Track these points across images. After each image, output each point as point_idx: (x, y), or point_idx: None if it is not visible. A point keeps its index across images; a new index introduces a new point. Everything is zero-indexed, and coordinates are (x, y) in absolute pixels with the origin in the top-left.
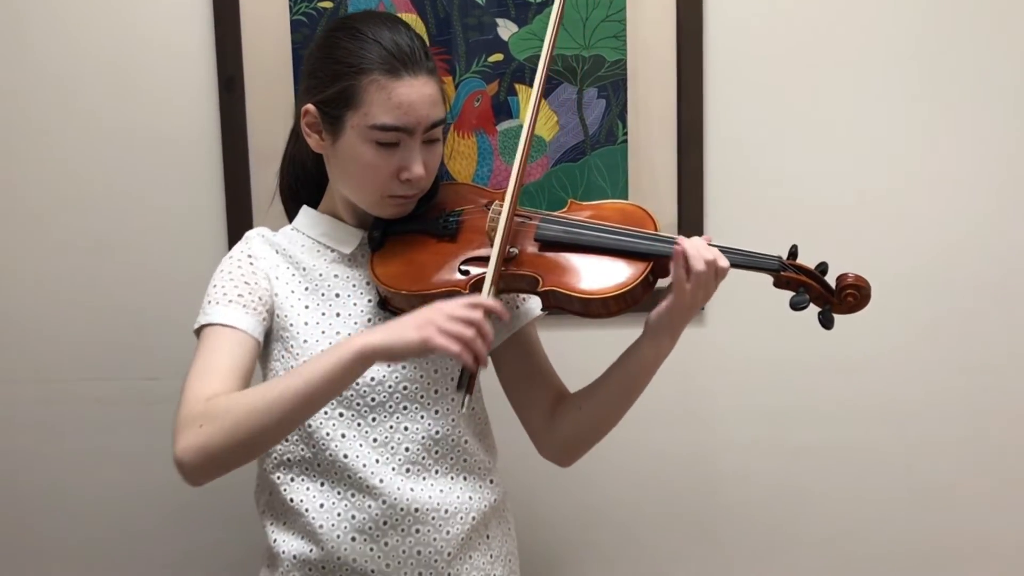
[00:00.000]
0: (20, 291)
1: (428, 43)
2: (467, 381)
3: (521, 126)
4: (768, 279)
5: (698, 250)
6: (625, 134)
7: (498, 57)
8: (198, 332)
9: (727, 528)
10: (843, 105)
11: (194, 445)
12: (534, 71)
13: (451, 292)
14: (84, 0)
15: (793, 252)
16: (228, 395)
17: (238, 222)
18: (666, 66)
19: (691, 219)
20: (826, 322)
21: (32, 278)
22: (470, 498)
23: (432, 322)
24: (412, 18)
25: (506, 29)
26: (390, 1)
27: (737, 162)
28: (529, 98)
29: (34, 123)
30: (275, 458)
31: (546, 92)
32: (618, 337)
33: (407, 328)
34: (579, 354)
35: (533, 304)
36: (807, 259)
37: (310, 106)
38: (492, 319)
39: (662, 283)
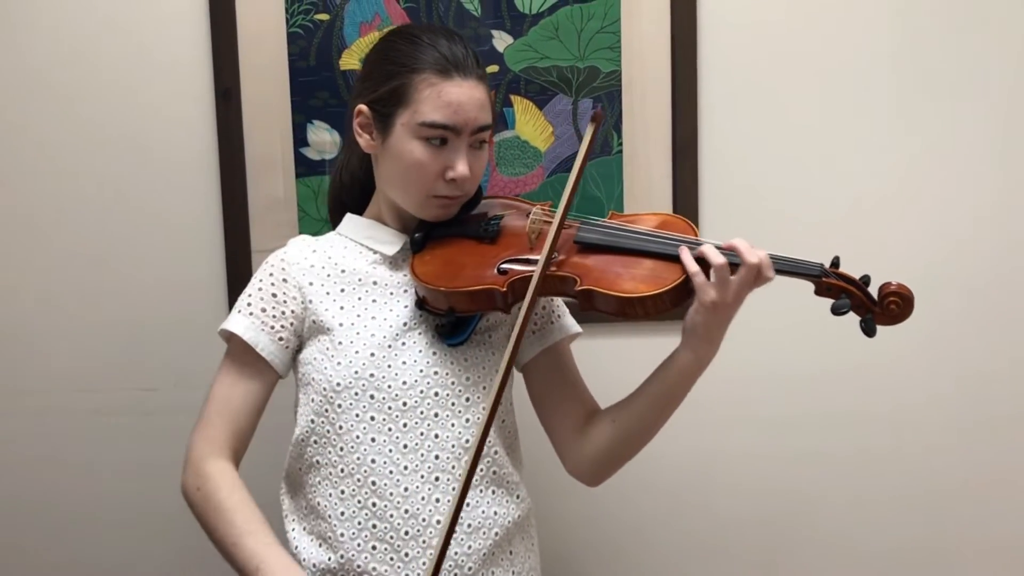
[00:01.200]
0: (17, 301)
1: None
2: None
3: (518, 136)
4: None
5: (730, 243)
6: (620, 145)
7: (493, 68)
8: (223, 335)
9: (736, 538)
10: (838, 115)
11: (188, 495)
12: (529, 82)
13: (489, 290)
14: (82, 11)
15: (835, 262)
16: (228, 489)
17: (235, 232)
18: (661, 77)
19: None
20: (868, 330)
21: (29, 288)
22: (495, 513)
23: None
24: (450, 28)
25: (501, 41)
26: (386, 13)
27: (732, 173)
28: (525, 109)
29: (32, 133)
30: (305, 460)
31: (541, 103)
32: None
33: None
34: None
35: (569, 322)
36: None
37: (362, 106)
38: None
39: None
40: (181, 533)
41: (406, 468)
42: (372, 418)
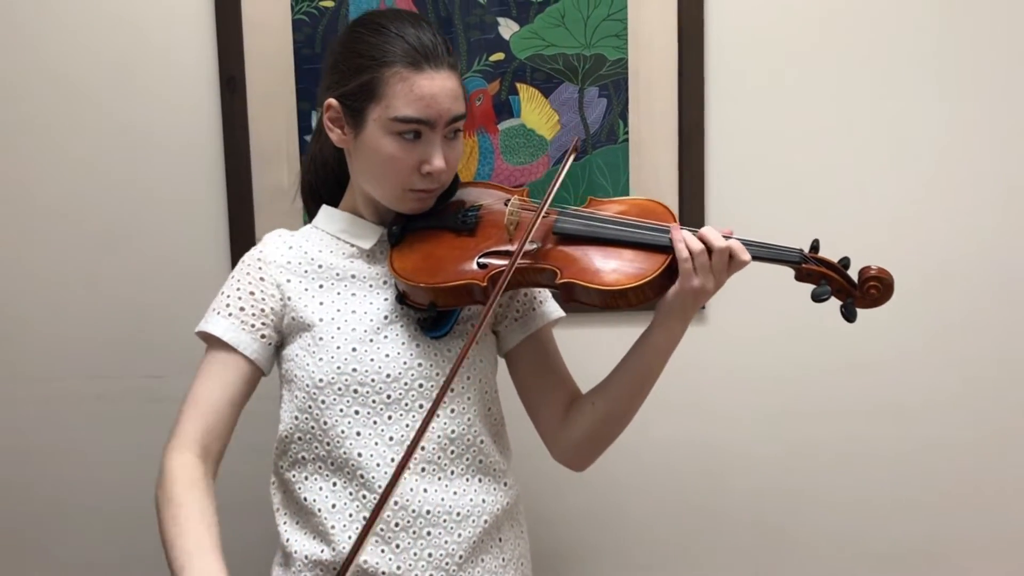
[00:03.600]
0: (23, 289)
1: None
2: None
3: (523, 124)
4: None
5: (700, 232)
6: (626, 133)
7: (499, 56)
8: (202, 337)
9: (736, 528)
10: (845, 103)
11: (155, 494)
12: (535, 70)
13: (469, 284)
14: (86, 1)
15: (815, 246)
16: (182, 485)
17: (240, 221)
18: (667, 65)
19: (692, 218)
20: (848, 315)
21: (35, 276)
22: (483, 501)
23: None
24: (415, 13)
25: (507, 28)
26: (392, 0)
27: (738, 161)
28: (531, 97)
29: (37, 123)
30: (290, 456)
31: (547, 91)
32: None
33: None
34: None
35: (551, 307)
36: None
37: (332, 100)
38: (507, 322)
39: None
40: None
41: (392, 460)
42: (356, 412)
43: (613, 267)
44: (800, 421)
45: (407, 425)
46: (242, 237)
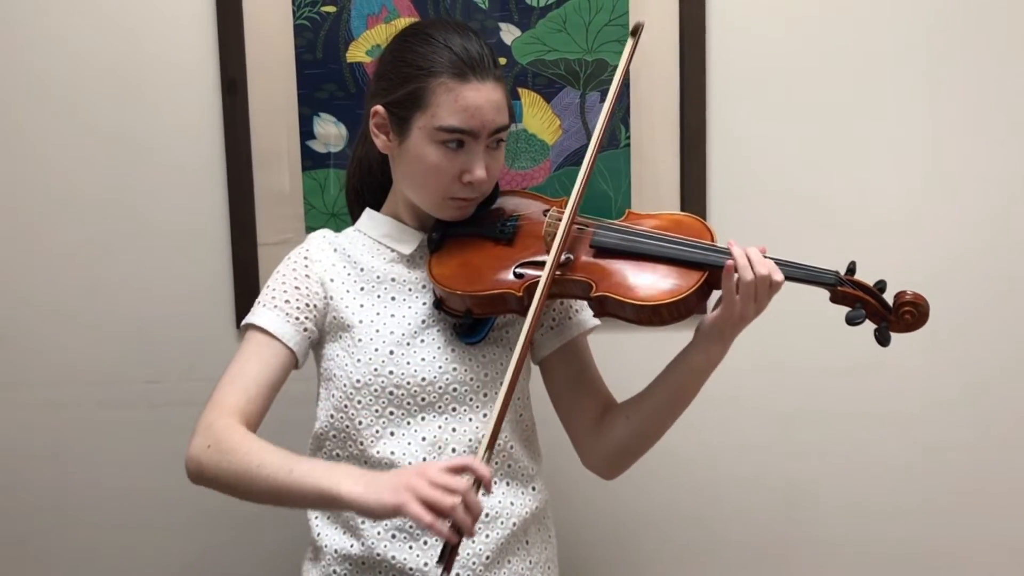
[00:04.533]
0: (24, 294)
1: None
2: (446, 555)
3: (526, 130)
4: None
5: (749, 262)
6: (628, 138)
7: (501, 61)
8: (244, 329)
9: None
10: (847, 108)
11: (196, 460)
12: (537, 75)
13: (505, 294)
14: (87, 4)
15: (851, 268)
16: (242, 434)
17: (241, 225)
18: (669, 70)
19: None
20: (882, 339)
21: (35, 281)
22: (511, 503)
23: (411, 488)
24: (463, 23)
25: (509, 33)
26: (393, 5)
27: (740, 166)
28: (533, 102)
29: (37, 127)
30: (324, 453)
31: (548, 96)
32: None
33: (385, 489)
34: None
35: (587, 316)
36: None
37: (379, 107)
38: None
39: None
40: (187, 525)
41: (424, 460)
42: (391, 413)
43: (648, 282)
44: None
45: (439, 427)
46: (243, 242)
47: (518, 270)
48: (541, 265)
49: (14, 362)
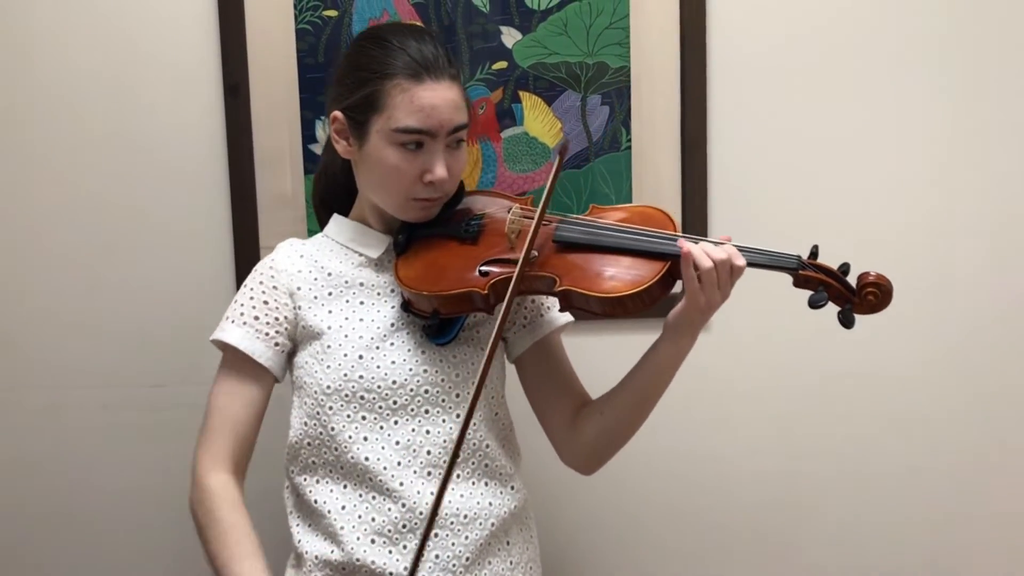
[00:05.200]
0: (26, 298)
1: None
2: None
3: (526, 133)
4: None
5: (704, 249)
6: (629, 141)
7: (502, 65)
8: (218, 345)
9: (748, 532)
10: (848, 111)
11: (191, 509)
12: (538, 78)
13: (470, 292)
14: (90, 7)
15: (814, 252)
16: (229, 523)
17: (243, 228)
18: (670, 73)
19: (695, 226)
20: (846, 321)
21: (38, 285)
22: (490, 504)
23: None
24: (419, 26)
25: (510, 37)
26: (394, 8)
27: (741, 168)
28: (534, 105)
29: (40, 129)
30: (301, 461)
31: (549, 99)
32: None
33: None
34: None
35: (558, 313)
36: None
37: (337, 113)
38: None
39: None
40: (188, 530)
41: (399, 464)
42: (363, 417)
43: (611, 275)
44: (803, 424)
45: (412, 430)
46: (246, 245)
47: (483, 268)
48: (505, 263)
49: (17, 365)
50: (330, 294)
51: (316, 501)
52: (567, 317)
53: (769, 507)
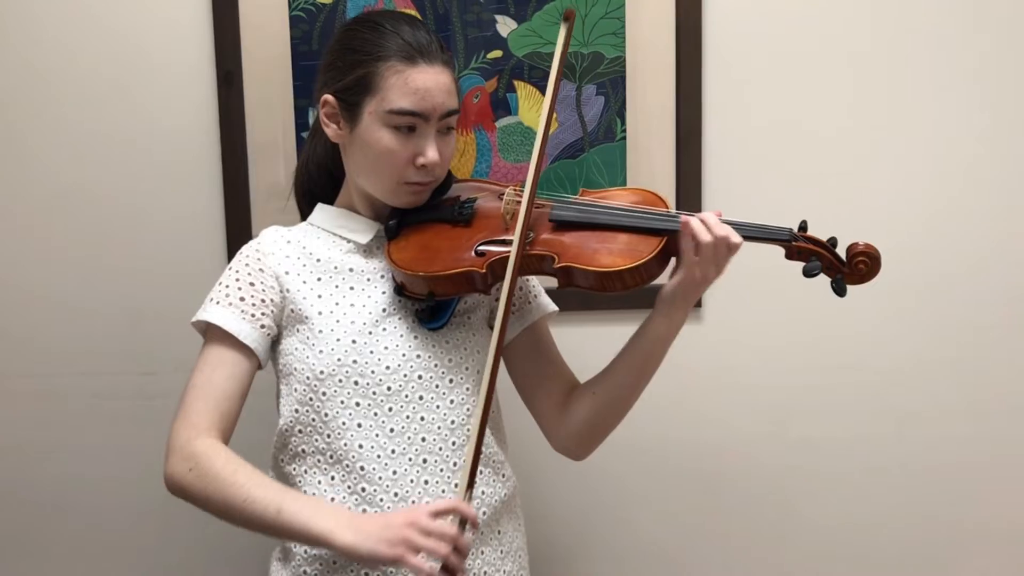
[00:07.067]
0: (18, 287)
1: None
2: None
3: (521, 122)
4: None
5: (705, 224)
6: (624, 131)
7: (497, 54)
8: (200, 327)
9: (732, 523)
10: (843, 102)
11: (178, 481)
12: (533, 68)
13: (469, 272)
14: None
15: (803, 226)
16: (224, 460)
17: (236, 216)
18: (665, 63)
19: None
20: (839, 290)
21: (29, 273)
22: (483, 492)
23: (405, 540)
24: (411, 14)
25: (505, 26)
26: None
27: (736, 159)
28: (529, 95)
29: (32, 118)
30: (290, 450)
31: (543, 89)
32: (623, 334)
33: (378, 541)
34: (587, 356)
35: (546, 301)
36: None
37: (328, 96)
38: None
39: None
40: (181, 517)
41: (393, 452)
42: (357, 404)
43: (609, 250)
44: (795, 417)
45: (407, 417)
46: (238, 233)
47: (479, 248)
48: (501, 243)
49: (8, 353)
50: (319, 279)
51: (304, 492)
52: (553, 305)
53: (760, 501)
